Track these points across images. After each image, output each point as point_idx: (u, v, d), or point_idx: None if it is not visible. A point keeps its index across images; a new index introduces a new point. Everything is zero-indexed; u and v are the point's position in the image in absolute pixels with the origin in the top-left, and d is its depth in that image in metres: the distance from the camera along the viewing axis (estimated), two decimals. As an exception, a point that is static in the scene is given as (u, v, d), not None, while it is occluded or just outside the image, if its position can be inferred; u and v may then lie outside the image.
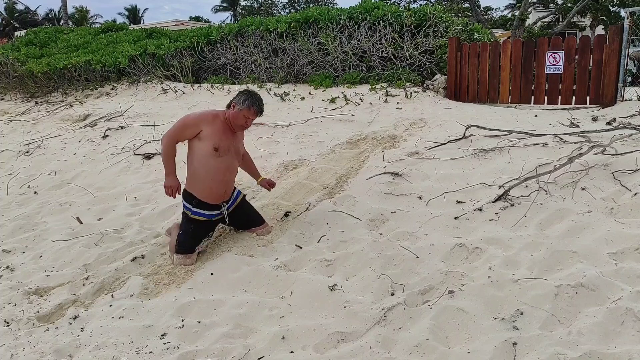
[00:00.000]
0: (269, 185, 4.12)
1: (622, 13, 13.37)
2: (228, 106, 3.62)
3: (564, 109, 6.62)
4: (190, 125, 3.52)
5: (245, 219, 3.90)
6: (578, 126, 5.38)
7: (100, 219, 4.68)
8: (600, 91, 6.62)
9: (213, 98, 8.26)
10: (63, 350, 2.81)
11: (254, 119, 3.60)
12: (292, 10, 48.29)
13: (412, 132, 5.73)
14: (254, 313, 2.98)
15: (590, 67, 6.71)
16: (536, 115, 6.21)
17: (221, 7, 53.05)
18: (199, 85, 9.39)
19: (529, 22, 21.58)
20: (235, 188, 3.92)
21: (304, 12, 9.37)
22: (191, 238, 3.68)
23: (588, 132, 4.78)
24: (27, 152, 7.03)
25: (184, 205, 3.72)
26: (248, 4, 54.09)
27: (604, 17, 24.97)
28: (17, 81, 11.61)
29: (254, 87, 8.58)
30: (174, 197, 3.65)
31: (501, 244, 3.28)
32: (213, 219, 3.78)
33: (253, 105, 3.52)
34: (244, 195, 4.01)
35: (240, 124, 3.57)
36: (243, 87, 8.75)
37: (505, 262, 3.08)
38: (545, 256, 3.06)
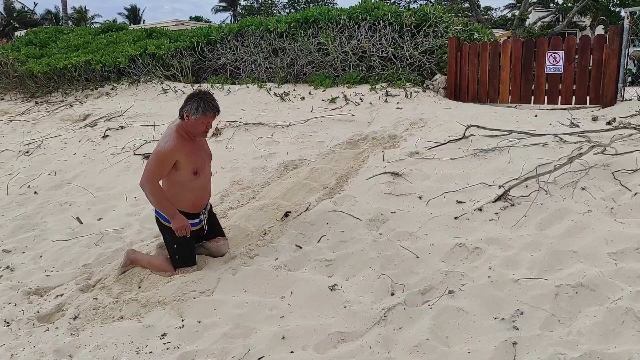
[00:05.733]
0: None
1: (622, 13, 13.37)
2: (181, 116, 3.41)
3: (564, 109, 6.62)
4: (168, 161, 3.32)
5: (213, 227, 3.73)
6: (578, 126, 5.38)
7: (100, 219, 4.68)
8: (600, 91, 6.62)
9: (213, 98, 8.25)
10: (63, 350, 2.80)
11: (213, 120, 3.44)
12: (292, 10, 48.29)
13: (412, 132, 5.73)
14: (254, 313, 2.98)
15: (590, 67, 6.72)
16: (536, 115, 6.21)
17: (221, 7, 53.03)
18: (199, 85, 9.39)
19: (529, 22, 21.59)
20: None
21: (304, 12, 9.37)
22: (190, 247, 3.52)
23: (588, 132, 4.78)
24: (27, 152, 7.03)
25: (163, 219, 3.47)
26: (248, 4, 54.13)
27: (604, 17, 24.96)
28: (17, 81, 11.61)
29: (254, 87, 8.58)
30: (188, 234, 3.46)
31: (501, 244, 3.28)
32: (197, 227, 3.59)
33: (208, 109, 3.32)
34: (211, 206, 3.86)
35: (200, 131, 3.40)
36: (243, 87, 8.75)
37: (505, 262, 3.08)
38: (545, 256, 3.07)
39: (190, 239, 3.54)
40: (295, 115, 6.93)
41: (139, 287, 3.40)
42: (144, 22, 43.79)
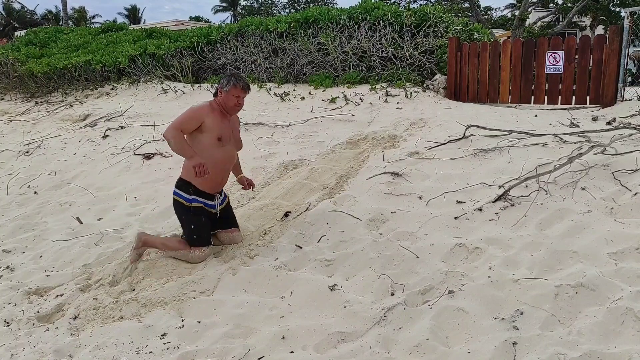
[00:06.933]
0: (248, 184, 4.00)
1: (622, 13, 13.37)
2: (215, 95, 3.68)
3: (564, 109, 6.62)
4: (195, 117, 3.51)
5: (228, 218, 3.88)
6: (578, 126, 5.38)
7: (100, 219, 4.68)
8: (600, 91, 6.62)
9: (213, 98, 8.26)
10: (63, 350, 2.80)
11: (244, 95, 3.64)
12: (292, 10, 48.28)
13: (412, 132, 5.73)
14: (254, 313, 2.98)
15: (590, 67, 6.72)
16: (536, 115, 6.21)
17: (221, 7, 53.01)
18: (199, 85, 9.40)
19: (529, 22, 21.57)
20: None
21: (304, 12, 9.37)
22: (206, 227, 3.65)
23: (588, 132, 4.78)
24: (27, 152, 7.03)
25: (181, 198, 3.60)
26: (248, 4, 54.12)
27: (604, 17, 24.95)
28: (17, 81, 11.62)
29: (254, 87, 8.59)
30: (207, 173, 3.46)
31: (501, 244, 3.28)
32: (209, 209, 3.69)
33: (238, 82, 3.58)
34: (229, 198, 4.02)
35: (232, 104, 3.61)
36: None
37: (505, 262, 3.08)
38: (545, 256, 3.06)
39: (207, 220, 3.67)
40: (295, 115, 6.93)
41: (133, 290, 3.38)
42: (144, 22, 43.79)
